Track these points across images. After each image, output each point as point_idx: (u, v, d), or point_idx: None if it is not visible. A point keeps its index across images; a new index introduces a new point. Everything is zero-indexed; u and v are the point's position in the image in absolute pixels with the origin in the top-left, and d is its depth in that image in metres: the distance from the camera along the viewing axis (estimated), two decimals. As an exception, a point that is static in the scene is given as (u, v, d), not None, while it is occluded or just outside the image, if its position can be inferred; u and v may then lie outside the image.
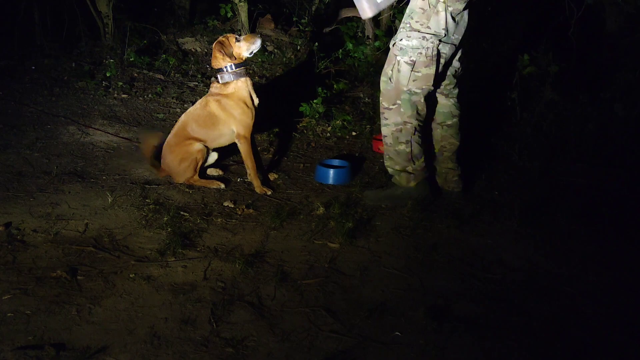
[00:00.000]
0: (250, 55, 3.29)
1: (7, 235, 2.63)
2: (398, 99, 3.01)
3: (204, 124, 3.28)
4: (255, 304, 2.25)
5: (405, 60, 2.94)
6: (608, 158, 3.80)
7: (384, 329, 2.13)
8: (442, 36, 2.89)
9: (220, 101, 3.24)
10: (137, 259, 2.51)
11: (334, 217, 2.95)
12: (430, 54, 2.90)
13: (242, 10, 5.65)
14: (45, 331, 2.02)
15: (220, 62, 3.22)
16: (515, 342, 2.10)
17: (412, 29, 2.90)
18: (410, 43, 2.91)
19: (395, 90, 3.00)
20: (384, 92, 3.06)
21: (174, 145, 3.27)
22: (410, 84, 2.96)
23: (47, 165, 3.41)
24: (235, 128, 3.26)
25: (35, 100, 4.47)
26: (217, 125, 3.27)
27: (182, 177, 3.29)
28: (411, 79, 2.94)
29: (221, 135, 3.31)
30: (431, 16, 2.86)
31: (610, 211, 3.17)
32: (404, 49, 2.94)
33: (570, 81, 4.33)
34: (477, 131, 4.07)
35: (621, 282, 2.54)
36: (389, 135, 3.11)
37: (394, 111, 3.04)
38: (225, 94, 3.23)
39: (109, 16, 5.61)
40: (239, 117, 3.23)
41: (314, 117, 4.29)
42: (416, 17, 2.88)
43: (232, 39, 3.24)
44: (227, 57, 3.20)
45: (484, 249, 2.77)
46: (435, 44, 2.89)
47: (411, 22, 2.90)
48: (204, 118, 3.27)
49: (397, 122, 3.05)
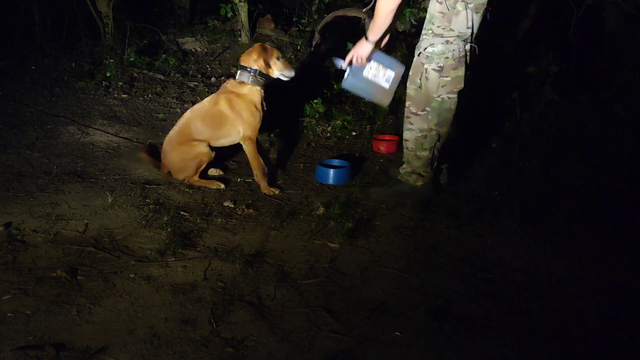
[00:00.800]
0: (278, 76, 3.27)
1: (7, 235, 2.63)
2: (427, 106, 3.00)
3: (210, 122, 3.26)
4: (255, 304, 2.25)
5: (432, 67, 2.92)
6: (608, 158, 3.80)
7: (384, 329, 2.13)
8: (467, 36, 2.86)
9: (231, 100, 3.23)
10: (137, 259, 2.51)
11: (334, 217, 2.95)
12: (457, 56, 2.87)
13: (242, 10, 5.65)
14: (45, 331, 2.02)
15: (251, 62, 3.21)
16: (515, 342, 2.10)
17: (435, 35, 2.87)
18: (436, 49, 2.88)
19: (426, 97, 2.99)
20: (414, 97, 3.04)
21: (177, 144, 3.27)
22: (439, 90, 2.94)
23: (47, 165, 3.41)
24: (242, 129, 3.25)
25: (35, 100, 4.47)
26: (224, 125, 3.26)
27: (182, 174, 3.29)
28: (440, 85, 2.93)
29: (226, 135, 3.30)
30: (452, 18, 2.82)
31: (610, 211, 3.17)
32: (430, 57, 2.91)
33: (570, 81, 4.34)
34: (477, 131, 4.08)
35: (621, 282, 2.54)
36: (412, 140, 3.11)
37: (422, 117, 3.04)
38: (238, 93, 3.22)
39: (109, 16, 5.61)
40: (247, 118, 3.22)
41: (314, 117, 4.30)
42: (437, 22, 2.85)
43: (275, 53, 3.25)
44: (261, 62, 3.19)
45: (484, 249, 2.77)
46: (460, 45, 2.86)
47: (433, 28, 2.87)
48: (212, 116, 3.26)
49: (422, 128, 3.06)
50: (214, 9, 6.05)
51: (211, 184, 3.30)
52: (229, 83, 3.29)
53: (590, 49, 4.75)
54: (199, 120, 3.27)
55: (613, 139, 3.94)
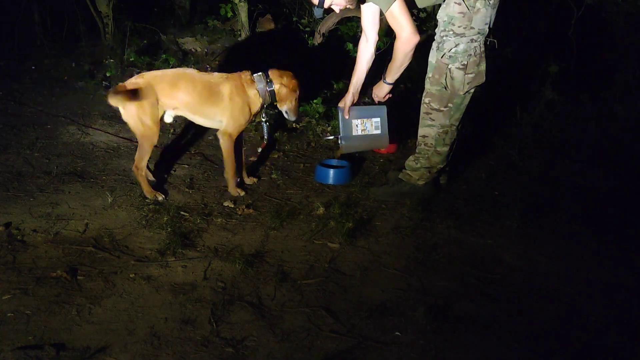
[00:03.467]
0: (280, 109, 3.24)
1: (7, 235, 2.63)
2: (450, 102, 3.02)
3: (205, 94, 3.07)
4: (255, 304, 2.25)
5: (456, 66, 2.93)
6: (608, 158, 3.80)
7: (384, 329, 2.13)
8: (486, 31, 2.90)
9: (237, 89, 3.10)
10: (137, 259, 2.51)
11: (334, 217, 2.95)
12: (479, 52, 2.91)
13: (242, 10, 5.65)
14: (45, 331, 2.02)
15: (276, 81, 3.13)
16: (515, 342, 2.10)
17: (455, 35, 2.89)
18: (459, 48, 2.90)
19: (450, 95, 3.01)
20: (437, 95, 3.03)
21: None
22: (465, 87, 2.97)
23: (47, 165, 3.41)
24: (225, 123, 3.12)
25: (35, 100, 4.47)
26: (213, 106, 3.09)
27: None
28: (466, 82, 2.95)
29: (209, 116, 3.13)
30: (472, 17, 2.85)
31: (610, 211, 3.18)
32: (453, 56, 2.93)
33: (570, 81, 4.33)
34: (477, 131, 4.08)
35: (621, 282, 2.54)
36: (432, 136, 3.11)
37: (444, 114, 3.05)
38: (245, 89, 3.12)
39: (109, 16, 5.61)
40: (237, 116, 3.11)
41: (314, 117, 4.29)
42: (457, 22, 2.87)
43: (296, 95, 3.19)
44: (284, 90, 3.13)
45: (484, 249, 2.77)
46: (481, 41, 2.90)
47: (454, 29, 2.89)
48: (209, 89, 3.08)
49: (444, 124, 3.07)
50: (214, 9, 6.05)
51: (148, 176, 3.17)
52: (245, 75, 3.15)
53: (590, 49, 4.75)
54: (198, 83, 3.07)
55: (613, 139, 3.94)
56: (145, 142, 3.05)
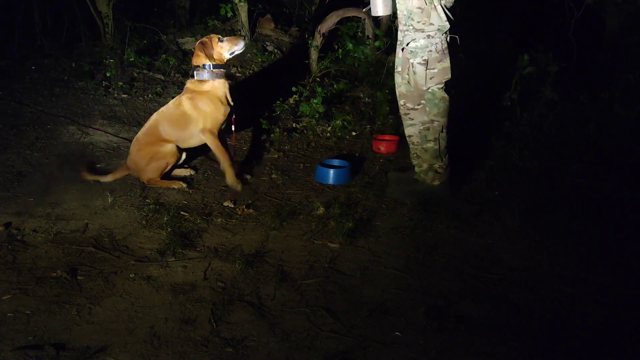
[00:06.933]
0: (230, 56, 3.33)
1: (7, 235, 2.63)
2: (422, 99, 3.03)
3: (176, 124, 3.27)
4: (255, 304, 2.25)
5: (417, 61, 2.95)
6: (608, 158, 3.80)
7: (384, 329, 2.13)
8: (447, 28, 2.90)
9: (193, 99, 3.24)
10: (137, 259, 2.51)
11: (334, 217, 2.95)
12: (440, 49, 2.92)
13: (242, 10, 5.64)
14: (45, 331, 2.02)
15: (200, 60, 3.25)
16: (515, 342, 2.10)
17: (415, 30, 2.91)
18: (419, 44, 2.92)
19: (417, 91, 3.02)
20: (406, 94, 3.06)
21: (144, 144, 3.25)
22: (428, 83, 2.98)
23: (47, 165, 3.41)
24: (202, 122, 3.24)
25: (35, 100, 4.46)
26: (189, 126, 3.26)
27: (146, 176, 3.25)
28: (428, 77, 2.96)
29: (193, 136, 3.29)
30: (431, 12, 2.87)
31: (610, 211, 3.17)
32: (414, 52, 2.95)
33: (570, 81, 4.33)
34: (478, 131, 4.08)
35: (621, 282, 2.54)
36: (416, 134, 3.13)
37: (420, 111, 3.06)
38: (200, 91, 3.24)
39: (109, 16, 5.60)
40: (210, 112, 3.23)
41: (314, 117, 4.29)
42: (416, 17, 2.89)
43: (215, 40, 3.28)
44: (207, 57, 3.23)
45: (484, 249, 2.77)
46: (442, 38, 2.90)
47: (413, 24, 2.91)
48: (177, 117, 3.27)
49: (423, 120, 3.08)
50: (214, 9, 6.05)
51: (173, 184, 3.26)
52: (190, 83, 3.31)
53: (590, 49, 4.74)
54: (165, 123, 3.28)
55: (613, 139, 3.93)
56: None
